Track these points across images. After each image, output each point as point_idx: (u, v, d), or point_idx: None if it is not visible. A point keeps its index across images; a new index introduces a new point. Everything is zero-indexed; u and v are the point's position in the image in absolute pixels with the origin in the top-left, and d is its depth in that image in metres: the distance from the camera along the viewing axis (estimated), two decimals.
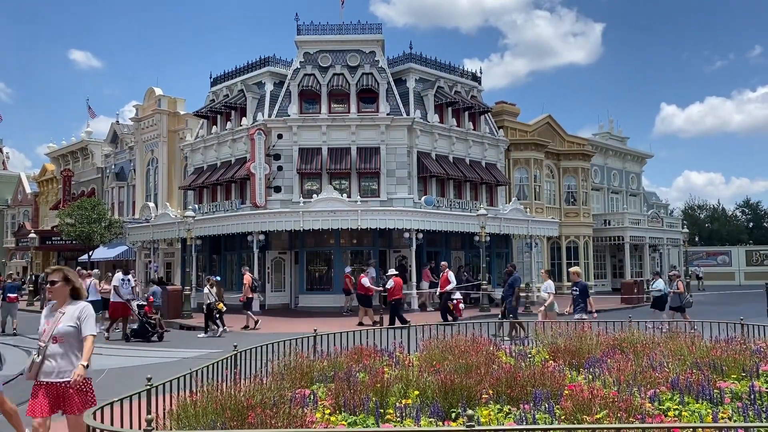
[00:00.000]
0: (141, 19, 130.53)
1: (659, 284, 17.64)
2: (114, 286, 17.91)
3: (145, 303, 18.03)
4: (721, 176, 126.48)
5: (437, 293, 21.42)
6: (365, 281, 20.14)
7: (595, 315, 13.29)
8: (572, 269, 14.25)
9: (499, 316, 16.54)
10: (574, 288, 13.59)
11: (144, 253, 34.44)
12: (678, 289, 17.05)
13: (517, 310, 16.67)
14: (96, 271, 22.51)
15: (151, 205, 34.69)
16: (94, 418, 4.58)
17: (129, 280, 18.43)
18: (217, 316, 18.46)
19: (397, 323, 16.54)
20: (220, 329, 18.33)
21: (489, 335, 10.34)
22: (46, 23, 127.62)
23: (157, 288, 20.71)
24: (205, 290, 18.96)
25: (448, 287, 20.01)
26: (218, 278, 21.62)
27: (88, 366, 5.53)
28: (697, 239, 65.64)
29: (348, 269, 24.38)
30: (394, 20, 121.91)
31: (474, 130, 31.06)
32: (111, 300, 17.98)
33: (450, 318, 19.04)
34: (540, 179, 34.82)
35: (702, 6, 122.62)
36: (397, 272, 20.48)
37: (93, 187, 42.55)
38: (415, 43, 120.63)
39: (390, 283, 18.70)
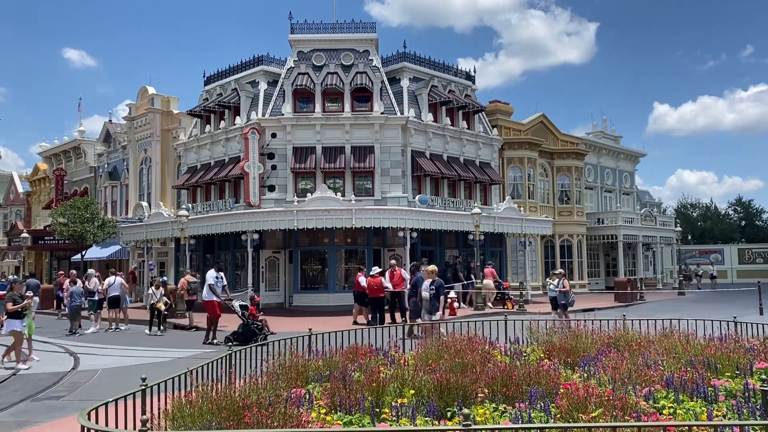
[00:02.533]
0: (135, 18, 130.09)
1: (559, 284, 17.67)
2: (209, 284, 16.48)
3: (248, 303, 16.61)
4: (713, 175, 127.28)
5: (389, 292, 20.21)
6: (362, 280, 20.13)
7: (438, 316, 12.80)
8: (429, 267, 13.37)
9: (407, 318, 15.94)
10: (431, 287, 12.89)
11: (137, 252, 34.31)
12: (564, 287, 17.36)
13: (420, 310, 14.04)
14: (91, 270, 22.51)
15: (145, 204, 34.55)
16: (89, 419, 4.55)
17: (222, 277, 17.13)
18: (156, 314, 19.12)
19: (400, 320, 16.33)
20: (153, 329, 18.99)
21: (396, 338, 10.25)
22: (40, 21, 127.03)
23: (33, 280, 19.93)
24: (150, 290, 19.93)
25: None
26: (165, 279, 22.88)
27: None
28: (689, 237, 65.95)
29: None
30: (388, 20, 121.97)
31: (468, 129, 31.09)
32: (206, 299, 16.54)
33: (389, 320, 18.85)
34: (534, 178, 34.89)
35: (694, 6, 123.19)
36: (381, 270, 20.38)
37: (86, 187, 42.31)
38: (410, 43, 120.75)
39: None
